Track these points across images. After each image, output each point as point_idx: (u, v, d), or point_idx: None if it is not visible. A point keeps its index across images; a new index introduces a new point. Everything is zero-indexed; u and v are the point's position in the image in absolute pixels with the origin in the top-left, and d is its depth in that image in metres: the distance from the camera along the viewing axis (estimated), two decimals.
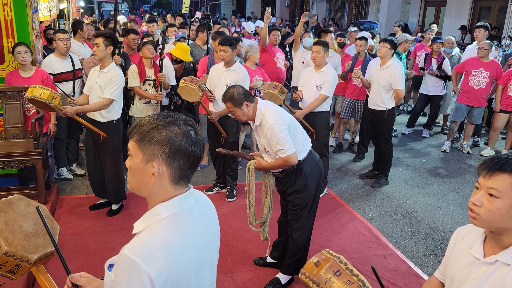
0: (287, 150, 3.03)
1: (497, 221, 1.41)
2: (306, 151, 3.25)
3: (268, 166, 3.23)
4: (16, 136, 4.49)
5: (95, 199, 4.68)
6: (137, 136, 1.34)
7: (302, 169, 3.22)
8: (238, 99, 3.09)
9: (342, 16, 21.24)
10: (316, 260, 1.39)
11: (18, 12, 4.54)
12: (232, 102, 3.11)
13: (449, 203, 5.09)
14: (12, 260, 1.58)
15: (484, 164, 1.45)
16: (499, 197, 1.40)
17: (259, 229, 3.54)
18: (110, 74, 4.11)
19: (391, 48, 5.19)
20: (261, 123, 3.10)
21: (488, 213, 1.41)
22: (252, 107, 3.12)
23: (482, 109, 6.68)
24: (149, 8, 40.55)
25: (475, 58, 6.47)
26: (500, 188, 1.39)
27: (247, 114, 3.13)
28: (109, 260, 1.42)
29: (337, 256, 1.39)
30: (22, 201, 1.73)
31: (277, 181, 3.44)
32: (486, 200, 1.42)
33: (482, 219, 1.44)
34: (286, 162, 3.09)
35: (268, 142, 3.10)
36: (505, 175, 1.39)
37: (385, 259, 3.88)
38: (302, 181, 3.23)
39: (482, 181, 1.44)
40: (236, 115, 3.16)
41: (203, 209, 1.46)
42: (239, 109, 3.11)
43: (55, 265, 3.32)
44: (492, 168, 1.42)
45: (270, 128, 3.02)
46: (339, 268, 1.35)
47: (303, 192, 3.25)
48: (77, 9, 12.57)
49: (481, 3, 13.66)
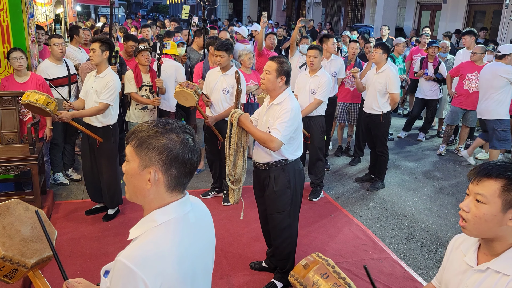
0: (281, 134, 3.01)
1: (484, 227, 1.42)
2: (296, 156, 3.26)
3: (251, 129, 3.13)
4: (12, 141, 4.49)
5: (91, 204, 4.67)
6: (135, 141, 1.34)
7: (286, 169, 3.21)
8: (284, 69, 3.10)
9: (338, 20, 21.35)
10: (304, 263, 1.42)
11: (14, 18, 4.55)
12: (278, 66, 3.09)
13: (444, 206, 5.11)
14: (9, 265, 1.58)
15: (473, 170, 1.46)
16: (485, 203, 1.40)
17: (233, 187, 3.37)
18: (106, 79, 4.12)
19: (384, 53, 5.23)
20: (281, 103, 3.11)
21: (475, 218, 1.42)
22: (283, 87, 3.14)
23: None
24: (146, 13, 40.63)
25: (470, 62, 6.52)
26: (486, 193, 1.40)
27: (275, 85, 3.12)
28: (105, 267, 1.42)
29: (325, 259, 1.41)
30: (20, 206, 1.73)
31: (255, 174, 3.37)
32: (474, 206, 1.43)
33: (471, 226, 1.44)
34: (271, 142, 3.02)
35: (273, 122, 3.09)
36: (491, 181, 1.39)
37: (381, 262, 3.89)
38: (284, 181, 3.21)
39: (470, 187, 1.45)
40: (268, 77, 3.11)
41: (199, 215, 1.46)
42: (276, 75, 3.09)
43: (51, 270, 3.32)
44: (479, 174, 1.43)
45: (288, 110, 3.03)
46: (327, 271, 1.37)
47: (282, 196, 3.23)
48: (73, 13, 12.58)
49: (475, 7, 13.78)
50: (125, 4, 33.07)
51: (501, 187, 1.38)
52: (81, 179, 5.35)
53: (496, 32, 12.26)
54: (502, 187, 1.38)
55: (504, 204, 1.38)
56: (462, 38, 7.28)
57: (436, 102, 7.42)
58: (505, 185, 1.38)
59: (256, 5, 27.62)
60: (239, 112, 3.16)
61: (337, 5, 21.96)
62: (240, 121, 3.14)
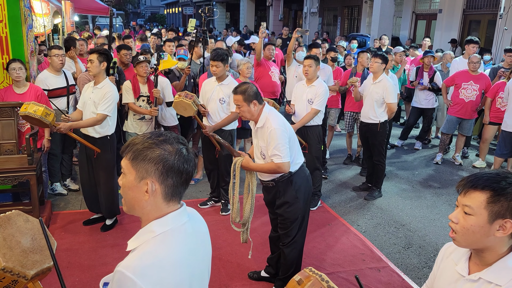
0: (283, 157, 3.05)
1: (472, 238, 1.44)
2: (298, 164, 3.28)
3: (257, 168, 3.21)
4: (10, 152, 4.50)
5: (89, 214, 4.67)
6: (130, 154, 1.37)
7: (293, 180, 3.24)
8: (250, 95, 3.13)
9: (335, 29, 21.51)
10: (298, 278, 1.42)
11: (13, 29, 4.59)
12: (243, 96, 3.12)
13: (441, 215, 5.13)
14: (10, 276, 1.59)
15: (461, 181, 1.48)
16: (472, 214, 1.42)
17: (240, 230, 3.46)
18: (104, 90, 4.15)
19: (382, 63, 5.28)
20: (263, 125, 3.14)
21: (463, 230, 1.44)
22: (259, 108, 3.17)
23: (472, 121, 6.78)
24: (143, 22, 40.78)
25: (465, 71, 6.58)
26: (473, 205, 1.41)
27: (252, 113, 3.16)
28: (104, 278, 1.44)
29: (319, 274, 1.41)
30: (20, 217, 1.75)
31: (265, 191, 3.42)
32: (462, 217, 1.45)
33: (460, 237, 1.46)
34: (279, 168, 3.09)
35: (266, 145, 3.12)
36: (477, 193, 1.41)
37: (379, 272, 3.90)
38: (293, 192, 3.25)
39: (459, 199, 1.47)
40: (242, 110, 3.16)
41: (196, 226, 1.49)
42: (247, 105, 3.13)
43: (49, 282, 3.31)
44: (466, 186, 1.45)
45: (273, 131, 3.05)
46: (321, 286, 1.37)
47: (293, 205, 3.27)
48: (71, 24, 12.63)
49: (471, 17, 13.92)
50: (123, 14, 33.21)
51: (487, 199, 1.39)
52: (79, 189, 5.35)
53: (491, 41, 12.38)
54: (488, 198, 1.39)
55: (491, 216, 1.39)
56: (467, 46, 7.33)
57: (432, 111, 7.47)
58: (490, 197, 1.39)
59: (253, 14, 27.80)
60: (239, 160, 3.22)
61: (334, 15, 22.14)
62: (244, 167, 3.21)
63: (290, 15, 25.78)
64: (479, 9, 13.47)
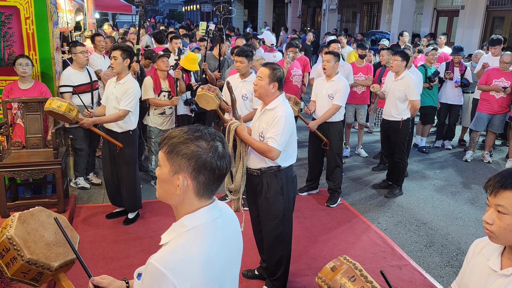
0: (278, 144, 3.01)
1: (510, 237, 1.43)
2: (289, 163, 3.25)
3: (249, 140, 3.14)
4: (36, 146, 4.60)
5: (111, 207, 4.75)
6: (166, 147, 1.38)
7: (279, 176, 3.20)
8: (276, 76, 3.11)
9: (354, 26, 21.30)
10: (332, 265, 1.43)
11: (40, 26, 4.68)
12: (270, 72, 3.10)
13: (464, 213, 5.06)
14: (35, 268, 1.65)
15: (489, 182, 1.48)
16: (507, 214, 1.41)
17: (233, 197, 3.37)
18: (126, 85, 4.20)
19: (403, 60, 5.21)
20: (274, 108, 3.10)
21: (500, 229, 1.44)
22: (276, 93, 3.15)
23: (503, 116, 6.64)
24: (161, 19, 41.11)
25: (496, 68, 6.54)
26: (506, 205, 1.41)
27: (267, 92, 3.12)
28: (138, 269, 1.47)
29: (352, 263, 1.43)
30: (43, 213, 1.81)
31: (248, 181, 3.33)
32: (496, 217, 1.45)
33: (497, 236, 1.46)
34: (269, 152, 3.03)
35: (267, 128, 3.08)
36: (509, 192, 1.41)
37: (400, 269, 3.87)
38: (277, 187, 3.19)
39: (490, 199, 1.47)
40: (260, 83, 3.13)
41: (227, 221, 1.49)
42: (268, 82, 3.10)
43: (74, 273, 3.38)
44: (496, 186, 1.44)
45: (282, 117, 3.03)
46: (354, 274, 1.38)
47: (275, 202, 3.21)
48: (93, 21, 12.82)
49: (494, 13, 13.61)
50: None
51: None
52: (101, 183, 5.44)
53: None
54: None
55: None
56: (491, 48, 7.21)
57: (458, 108, 7.36)
58: None
59: (271, 11, 27.71)
60: (235, 124, 3.17)
61: (353, 12, 21.93)
62: (237, 132, 3.15)
63: (309, 12, 25.63)
64: (503, 5, 13.14)
